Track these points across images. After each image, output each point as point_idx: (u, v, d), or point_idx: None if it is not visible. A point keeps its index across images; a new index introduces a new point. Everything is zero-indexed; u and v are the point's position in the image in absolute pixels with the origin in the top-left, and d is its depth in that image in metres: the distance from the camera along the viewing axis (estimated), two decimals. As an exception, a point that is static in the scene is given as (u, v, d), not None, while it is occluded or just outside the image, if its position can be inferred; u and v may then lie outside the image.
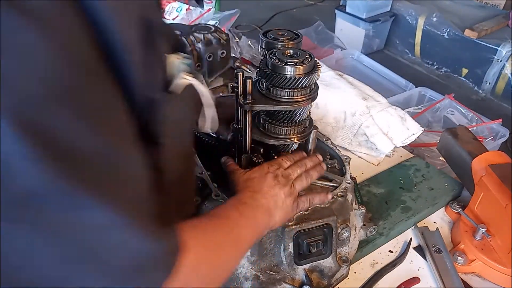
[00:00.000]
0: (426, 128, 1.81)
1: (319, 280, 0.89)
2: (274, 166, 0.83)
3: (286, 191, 0.80)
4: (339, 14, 4.15)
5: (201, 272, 0.53)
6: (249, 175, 0.81)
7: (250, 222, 0.71)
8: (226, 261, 0.62)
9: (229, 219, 0.67)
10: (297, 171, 0.85)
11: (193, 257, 0.50)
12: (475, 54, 3.57)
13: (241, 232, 0.67)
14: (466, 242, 1.03)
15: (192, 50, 1.36)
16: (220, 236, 0.61)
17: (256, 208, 0.74)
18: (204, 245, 0.55)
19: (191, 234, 0.53)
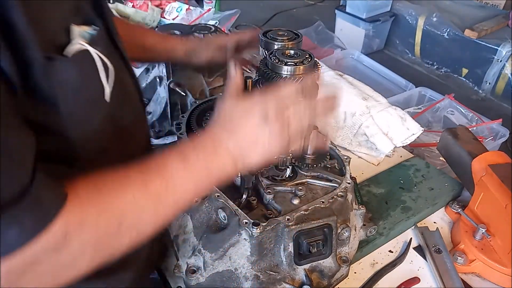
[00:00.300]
0: (426, 128, 1.81)
1: (319, 280, 0.89)
2: (269, 96, 0.67)
3: (273, 131, 0.66)
4: (339, 14, 4.16)
5: (85, 229, 0.52)
6: (233, 107, 0.69)
7: (195, 174, 0.63)
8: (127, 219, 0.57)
9: (155, 174, 0.60)
10: (301, 108, 0.68)
11: (72, 215, 0.51)
12: (475, 54, 3.57)
13: (166, 190, 0.60)
14: (466, 242, 1.03)
15: (192, 50, 1.36)
16: (115, 201, 0.56)
17: (216, 156, 0.65)
18: (80, 214, 0.53)
19: (81, 190, 0.54)
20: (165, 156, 0.63)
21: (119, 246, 0.58)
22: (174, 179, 0.61)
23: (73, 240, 0.52)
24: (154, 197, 0.59)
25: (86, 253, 0.54)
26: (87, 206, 0.54)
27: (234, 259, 0.85)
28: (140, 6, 2.08)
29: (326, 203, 0.89)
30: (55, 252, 0.51)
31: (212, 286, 0.87)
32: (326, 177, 0.97)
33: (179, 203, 0.63)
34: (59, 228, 0.50)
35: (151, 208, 0.60)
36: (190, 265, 0.87)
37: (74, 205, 0.53)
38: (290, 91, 0.69)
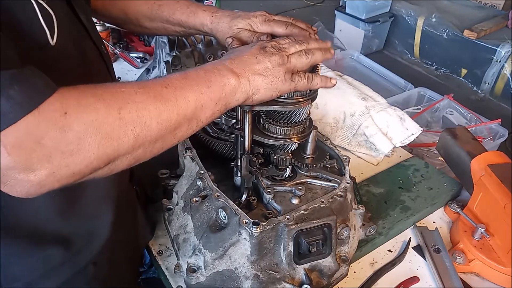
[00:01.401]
0: (425, 128, 1.82)
1: (319, 280, 0.89)
2: (267, 41, 0.79)
3: (274, 60, 0.74)
4: (339, 14, 4.16)
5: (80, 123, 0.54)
6: (237, 48, 0.79)
7: (194, 81, 0.66)
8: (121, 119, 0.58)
9: (154, 82, 0.64)
10: (296, 46, 0.78)
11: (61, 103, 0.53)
12: (474, 55, 3.58)
13: (166, 92, 0.63)
14: (465, 242, 1.04)
15: (192, 51, 1.36)
16: (106, 90, 0.59)
17: (217, 71, 0.69)
18: (76, 98, 0.55)
19: (79, 86, 0.57)
20: (167, 75, 0.68)
21: (124, 138, 0.58)
22: (174, 86, 0.64)
23: (73, 119, 0.53)
24: (154, 96, 0.61)
25: (90, 135, 0.55)
26: (84, 92, 0.57)
27: (234, 258, 0.85)
28: (140, 6, 2.08)
29: (325, 203, 0.89)
30: (59, 130, 0.53)
31: (213, 285, 0.87)
32: (325, 177, 0.98)
33: (180, 108, 0.64)
34: (57, 106, 0.53)
35: (152, 106, 0.61)
36: (191, 265, 0.88)
37: (71, 91, 0.55)
38: (287, 40, 0.78)
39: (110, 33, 1.88)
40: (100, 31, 1.82)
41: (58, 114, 0.53)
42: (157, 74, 1.39)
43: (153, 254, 1.02)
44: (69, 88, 0.56)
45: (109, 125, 0.57)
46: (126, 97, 0.59)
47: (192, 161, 0.98)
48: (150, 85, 0.63)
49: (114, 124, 0.57)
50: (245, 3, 4.23)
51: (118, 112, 0.57)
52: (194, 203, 0.91)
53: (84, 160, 0.55)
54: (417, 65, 4.07)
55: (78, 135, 0.54)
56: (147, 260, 1.12)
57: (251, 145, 0.91)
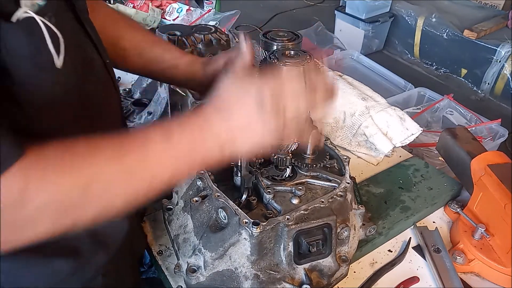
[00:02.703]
0: (425, 128, 1.82)
1: (319, 280, 0.89)
2: (266, 79, 0.64)
3: (267, 117, 0.62)
4: (339, 14, 4.16)
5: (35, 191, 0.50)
6: (233, 85, 0.65)
7: (177, 149, 0.59)
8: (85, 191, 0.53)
9: (134, 147, 0.57)
10: (297, 88, 0.64)
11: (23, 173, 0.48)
12: (474, 55, 3.58)
13: (143, 164, 0.56)
14: (465, 242, 1.04)
15: (192, 51, 1.36)
16: (84, 165, 0.53)
17: (202, 133, 0.61)
18: (42, 172, 0.50)
19: (48, 149, 0.52)
20: (148, 130, 0.61)
21: (83, 215, 0.55)
22: (153, 155, 0.57)
23: (33, 195, 0.49)
24: (128, 169, 0.56)
25: (46, 215, 0.52)
26: (51, 164, 0.51)
27: (234, 258, 0.85)
28: (140, 7, 2.09)
29: (325, 203, 0.89)
30: (14, 205, 0.49)
31: (212, 285, 0.87)
32: (325, 177, 0.98)
33: (155, 180, 0.59)
34: (19, 179, 0.48)
35: (123, 180, 0.56)
36: (191, 265, 0.88)
37: (37, 161, 0.50)
38: (291, 76, 0.66)
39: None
40: (100, 31, 1.82)
41: (18, 188, 0.48)
42: (157, 74, 1.39)
43: (153, 254, 1.02)
44: (37, 153, 0.51)
45: (70, 202, 0.53)
46: (97, 171, 0.54)
47: (192, 161, 0.98)
48: (126, 150, 0.57)
49: (76, 201, 0.53)
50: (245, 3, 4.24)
51: (84, 189, 0.53)
52: (194, 203, 0.91)
53: (34, 235, 0.52)
54: (417, 65, 4.07)
55: (35, 212, 0.50)
56: (147, 260, 1.13)
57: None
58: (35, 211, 0.50)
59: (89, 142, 0.56)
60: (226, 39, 1.41)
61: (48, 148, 0.53)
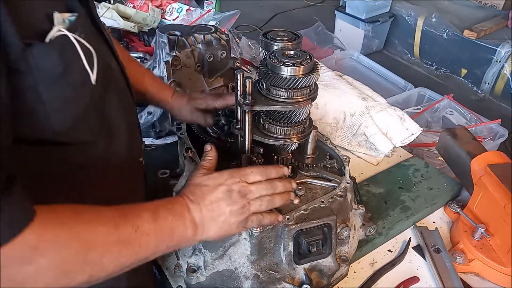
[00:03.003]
0: (425, 128, 1.82)
1: (319, 279, 0.89)
2: (236, 178, 0.76)
3: (235, 209, 0.74)
4: (339, 14, 4.16)
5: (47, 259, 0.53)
6: (204, 180, 0.76)
7: (160, 232, 0.67)
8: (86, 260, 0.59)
9: (126, 221, 0.63)
10: (262, 192, 0.77)
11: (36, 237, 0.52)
12: (474, 55, 3.58)
13: (133, 237, 0.63)
14: (465, 242, 1.04)
15: (192, 51, 1.37)
16: (85, 231, 0.59)
17: (181, 220, 0.70)
18: (51, 233, 0.55)
19: (60, 210, 0.57)
20: (139, 207, 0.68)
21: (79, 277, 0.59)
22: (142, 230, 0.64)
23: (41, 255, 0.53)
24: (122, 240, 0.62)
25: (47, 275, 0.55)
26: (63, 226, 0.56)
27: (234, 258, 0.85)
28: (140, 6, 2.08)
29: (325, 203, 0.89)
30: (22, 264, 0.52)
31: (213, 285, 0.87)
32: (325, 177, 0.98)
33: (138, 254, 0.65)
34: (31, 241, 0.52)
35: (116, 251, 0.62)
36: (191, 265, 0.88)
37: (50, 223, 0.55)
38: (255, 176, 0.78)
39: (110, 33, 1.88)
40: (100, 31, 1.82)
41: (29, 249, 0.52)
42: (157, 74, 1.39)
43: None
44: (47, 216, 0.55)
45: (72, 264, 0.57)
46: (99, 239, 0.60)
47: (192, 161, 0.98)
48: (122, 223, 0.63)
49: (77, 264, 0.58)
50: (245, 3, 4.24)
51: (86, 253, 0.58)
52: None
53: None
54: (417, 65, 4.07)
55: (39, 270, 0.54)
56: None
57: (251, 145, 0.91)
58: (38, 269, 0.53)
59: (96, 208, 0.62)
60: (226, 39, 1.41)
61: (58, 211, 0.57)
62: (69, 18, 0.58)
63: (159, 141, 1.42)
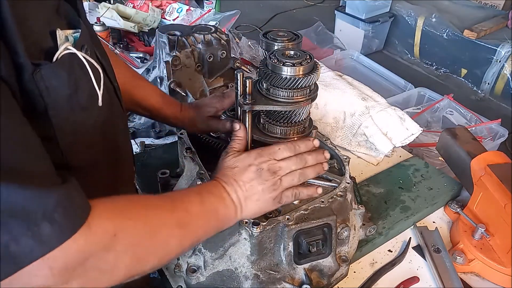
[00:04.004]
0: (425, 128, 1.82)
1: (319, 280, 0.89)
2: (264, 157, 0.79)
3: (266, 187, 0.77)
4: (339, 14, 4.16)
5: (114, 245, 0.55)
6: (233, 162, 0.79)
7: (208, 213, 0.71)
8: (151, 244, 0.61)
9: (178, 205, 0.67)
10: (292, 167, 0.80)
11: (100, 226, 0.54)
12: (474, 55, 3.58)
13: (187, 219, 0.67)
14: (465, 242, 1.04)
15: (192, 51, 1.37)
16: (149, 216, 0.62)
17: (222, 201, 0.74)
18: (121, 219, 0.57)
19: (119, 201, 0.59)
20: (186, 193, 0.74)
21: (150, 261, 0.62)
22: (193, 214, 0.69)
23: (120, 241, 0.55)
24: (180, 223, 0.66)
25: (126, 259, 0.57)
26: (131, 213, 0.59)
27: (234, 258, 0.85)
28: (140, 7, 2.08)
29: (325, 203, 0.89)
30: (104, 250, 0.54)
31: (213, 285, 0.87)
32: (325, 177, 0.97)
33: (193, 237, 0.69)
34: (109, 227, 0.54)
35: (177, 233, 0.65)
36: (191, 265, 0.88)
37: (119, 211, 0.57)
38: (283, 152, 0.80)
39: (110, 33, 1.88)
40: (100, 31, 1.82)
41: (109, 236, 0.54)
42: (157, 74, 1.39)
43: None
44: (111, 203, 0.58)
45: (144, 248, 0.60)
46: (162, 221, 0.63)
47: (192, 161, 0.98)
48: (176, 207, 0.67)
49: (148, 248, 0.61)
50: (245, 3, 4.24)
51: (154, 236, 0.61)
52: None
53: (112, 278, 0.58)
54: (417, 65, 4.07)
55: (118, 255, 0.56)
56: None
57: (251, 145, 0.91)
58: (117, 256, 0.56)
59: (149, 197, 0.68)
60: (226, 39, 1.42)
61: (119, 201, 0.60)
62: (73, 35, 0.57)
63: (159, 141, 1.42)
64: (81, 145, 0.64)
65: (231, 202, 0.75)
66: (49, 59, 0.53)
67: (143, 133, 1.43)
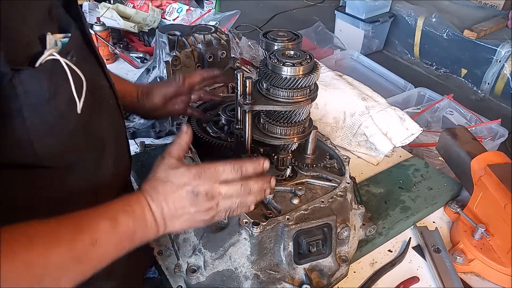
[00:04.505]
0: (425, 128, 1.82)
1: (319, 280, 0.89)
2: (204, 179, 0.69)
3: (199, 210, 0.70)
4: (339, 14, 4.16)
5: None
6: (167, 175, 0.70)
7: (120, 238, 0.64)
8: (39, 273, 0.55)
9: (80, 236, 0.60)
10: (232, 194, 0.71)
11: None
12: (474, 55, 3.58)
13: (90, 252, 0.60)
14: (465, 242, 1.04)
15: (192, 51, 1.37)
16: (39, 256, 0.55)
17: (142, 223, 0.66)
18: (3, 262, 0.50)
19: (13, 239, 0.52)
20: (98, 215, 0.64)
21: None
22: (100, 242, 0.61)
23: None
24: (79, 257, 0.59)
25: None
26: (14, 261, 0.52)
27: (234, 258, 0.85)
28: (140, 6, 2.09)
29: (325, 203, 0.89)
30: None
31: (212, 285, 0.87)
32: (325, 177, 0.98)
33: (99, 263, 0.63)
34: None
35: (73, 268, 0.59)
36: (191, 265, 0.88)
37: (2, 256, 0.51)
38: (227, 174, 0.71)
39: (110, 33, 1.88)
40: (100, 31, 1.82)
41: None
42: (157, 74, 1.39)
43: (153, 254, 1.02)
44: (7, 242, 0.51)
45: None
46: (53, 263, 0.56)
47: (192, 161, 0.98)
48: (78, 239, 0.59)
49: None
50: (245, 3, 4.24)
51: (41, 281, 0.54)
52: None
53: None
54: (417, 65, 4.07)
55: None
56: (147, 260, 1.12)
57: (251, 145, 0.91)
58: None
59: (49, 228, 0.58)
60: (226, 39, 1.42)
61: (8, 239, 0.52)
62: (62, 40, 0.57)
63: (159, 141, 1.42)
64: (60, 148, 0.62)
65: (153, 222, 0.67)
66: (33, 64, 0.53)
67: (143, 133, 1.43)
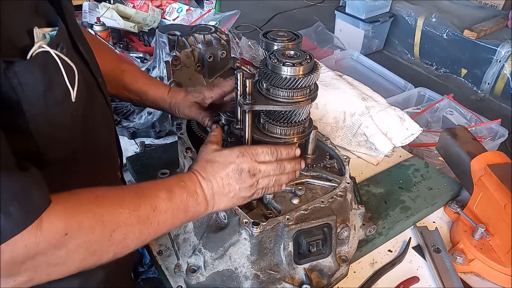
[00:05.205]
0: (425, 128, 1.82)
1: (319, 279, 0.89)
2: (246, 157, 0.79)
3: (243, 187, 0.78)
4: (339, 14, 4.16)
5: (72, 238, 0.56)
6: (214, 156, 0.79)
7: (176, 209, 0.71)
8: (108, 237, 0.61)
9: (144, 201, 0.67)
10: (270, 172, 0.81)
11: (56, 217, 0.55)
12: (474, 55, 3.58)
13: (151, 216, 0.67)
14: (465, 242, 1.04)
15: (192, 51, 1.37)
16: (108, 214, 0.61)
17: (194, 197, 0.74)
18: (76, 218, 0.57)
19: (82, 197, 0.60)
20: (155, 186, 0.72)
21: (105, 256, 0.63)
22: (160, 208, 0.68)
23: (71, 239, 0.56)
24: (142, 220, 0.66)
25: (79, 254, 0.58)
26: (88, 212, 0.59)
27: (234, 258, 0.85)
28: (140, 6, 2.08)
29: (325, 203, 0.89)
30: (54, 248, 0.55)
31: (212, 285, 0.87)
32: (325, 177, 0.98)
33: (157, 231, 0.69)
34: (59, 227, 0.55)
35: (138, 230, 0.66)
36: (191, 264, 0.88)
37: (75, 209, 0.58)
38: (265, 156, 0.81)
39: (110, 33, 1.88)
40: (100, 31, 1.82)
41: (59, 236, 0.55)
42: (157, 74, 1.39)
43: (153, 254, 1.02)
44: (71, 203, 0.58)
45: (98, 244, 0.61)
46: (121, 220, 0.63)
47: (192, 161, 0.98)
48: (141, 204, 0.67)
49: (103, 244, 0.61)
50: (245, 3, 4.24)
51: (110, 234, 0.61)
52: None
53: (64, 270, 0.59)
54: (417, 65, 4.07)
55: (70, 252, 0.57)
56: (147, 260, 1.13)
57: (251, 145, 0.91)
58: (69, 252, 0.57)
59: (116, 192, 0.67)
60: (226, 39, 1.42)
61: (80, 197, 0.60)
62: (50, 33, 0.58)
63: (159, 141, 1.42)
64: (58, 139, 0.65)
65: (203, 198, 0.75)
66: (24, 57, 0.55)
67: (143, 133, 1.43)
